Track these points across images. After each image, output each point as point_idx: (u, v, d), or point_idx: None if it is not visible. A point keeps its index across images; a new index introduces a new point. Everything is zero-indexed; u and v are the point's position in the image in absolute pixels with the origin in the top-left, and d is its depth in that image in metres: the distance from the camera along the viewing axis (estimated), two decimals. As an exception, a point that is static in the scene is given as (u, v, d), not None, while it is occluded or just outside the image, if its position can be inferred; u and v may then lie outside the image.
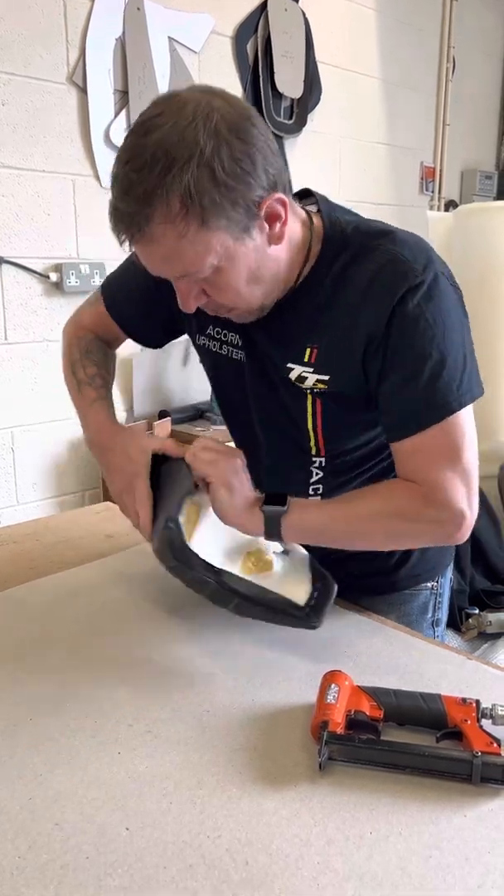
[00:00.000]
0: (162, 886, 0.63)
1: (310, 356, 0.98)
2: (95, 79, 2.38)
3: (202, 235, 0.81)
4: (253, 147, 0.81)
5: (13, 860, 0.66)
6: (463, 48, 3.89)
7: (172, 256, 0.84)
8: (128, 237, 0.85)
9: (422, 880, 0.64)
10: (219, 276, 0.87)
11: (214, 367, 1.13)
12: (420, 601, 1.15)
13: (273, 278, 0.93)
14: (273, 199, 0.85)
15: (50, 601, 1.13)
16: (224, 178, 0.79)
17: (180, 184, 0.77)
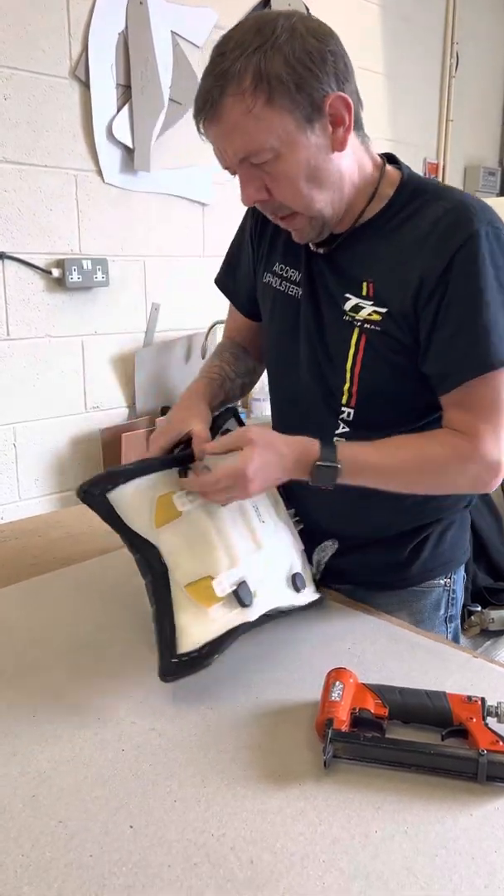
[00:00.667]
0: (166, 885, 0.63)
1: (367, 290, 1.00)
2: (98, 73, 2.37)
3: (267, 112, 0.88)
4: (326, 49, 0.90)
5: (16, 858, 0.65)
6: (466, 44, 3.87)
7: (236, 131, 0.90)
8: (202, 116, 0.92)
9: (428, 880, 0.63)
10: (278, 164, 0.91)
11: (272, 307, 1.15)
12: (433, 598, 1.15)
13: (334, 188, 0.96)
14: (336, 97, 0.91)
15: (52, 597, 1.13)
16: (294, 63, 0.87)
17: (253, 62, 0.87)
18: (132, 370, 2.66)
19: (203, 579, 0.94)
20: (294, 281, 1.09)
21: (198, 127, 0.94)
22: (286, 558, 1.05)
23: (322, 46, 0.89)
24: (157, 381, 2.74)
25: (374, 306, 0.99)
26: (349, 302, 1.01)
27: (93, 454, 2.60)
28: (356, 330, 1.01)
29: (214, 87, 0.89)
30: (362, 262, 1.01)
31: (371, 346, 1.01)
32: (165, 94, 2.56)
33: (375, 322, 1.00)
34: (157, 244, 2.68)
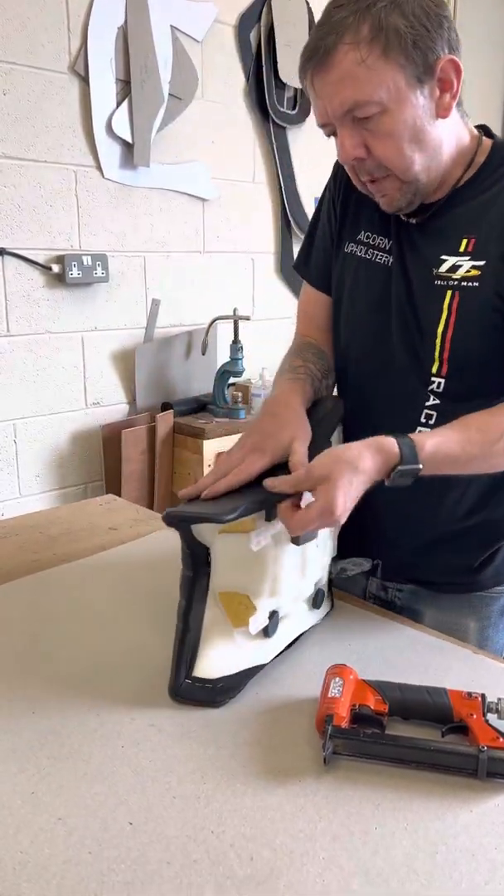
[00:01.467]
0: (165, 882, 0.63)
1: (466, 245, 0.99)
2: (97, 68, 2.36)
3: (380, 64, 0.88)
4: (442, 14, 0.91)
5: (15, 855, 0.65)
6: (467, 38, 3.84)
7: (347, 80, 0.89)
8: (313, 65, 0.91)
9: (428, 877, 0.63)
10: (383, 120, 0.91)
11: (355, 276, 1.11)
12: (500, 603, 1.13)
13: (433, 154, 0.96)
14: (448, 61, 0.92)
15: (53, 594, 1.13)
16: (412, 20, 0.88)
17: (372, 13, 0.88)
18: (132, 366, 2.66)
19: (238, 595, 0.90)
20: (384, 249, 1.07)
21: (303, 78, 0.94)
22: (318, 573, 1.03)
23: (439, 10, 0.91)
24: (157, 377, 2.74)
25: (472, 261, 0.98)
26: (445, 264, 1.00)
27: (93, 450, 2.60)
28: (449, 292, 0.99)
29: (329, 35, 0.89)
30: (461, 223, 1.00)
31: (464, 307, 0.98)
32: (165, 88, 2.55)
33: (473, 278, 0.98)
34: (156, 240, 2.67)
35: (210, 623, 0.89)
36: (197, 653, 0.88)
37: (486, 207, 0.98)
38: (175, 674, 0.87)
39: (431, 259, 1.01)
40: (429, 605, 1.13)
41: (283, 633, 0.95)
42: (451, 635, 1.05)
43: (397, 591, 1.16)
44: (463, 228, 1.00)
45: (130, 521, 1.44)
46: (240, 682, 0.88)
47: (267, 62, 2.88)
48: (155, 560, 1.24)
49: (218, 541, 0.89)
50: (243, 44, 2.81)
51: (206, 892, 0.62)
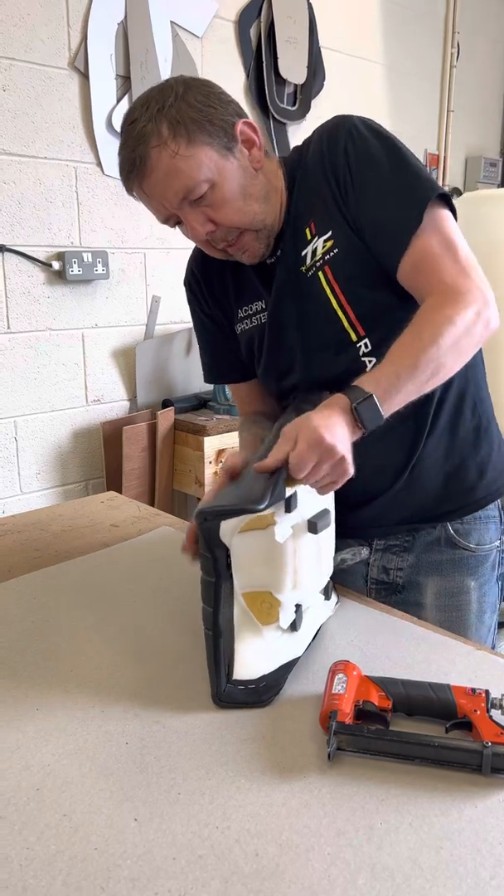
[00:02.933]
0: (171, 877, 0.63)
1: (311, 230, 1.07)
2: (97, 64, 2.36)
3: (192, 150, 0.97)
4: (216, 92, 1.02)
5: (21, 851, 0.65)
6: (467, 34, 3.84)
7: (171, 176, 0.98)
8: (134, 177, 1.00)
9: (433, 872, 0.63)
10: (215, 192, 1.00)
11: (249, 345, 1.21)
12: (492, 559, 1.20)
13: (266, 196, 1.06)
14: (242, 123, 1.02)
15: (55, 591, 1.13)
16: (198, 106, 0.98)
17: (164, 115, 0.97)
18: (133, 363, 2.65)
19: (263, 593, 0.90)
20: (260, 310, 1.16)
21: (130, 191, 1.03)
22: (331, 563, 1.04)
23: (213, 90, 1.02)
24: (158, 374, 2.74)
25: (320, 238, 1.06)
26: (306, 256, 1.07)
27: (94, 447, 2.60)
28: (320, 273, 1.06)
29: (137, 148, 0.97)
30: (298, 225, 1.08)
31: (340, 272, 1.05)
32: (165, 85, 2.54)
33: (330, 249, 1.05)
34: (157, 236, 2.67)
35: (240, 625, 0.89)
36: (233, 656, 0.87)
37: (304, 195, 1.08)
38: (216, 681, 0.86)
39: (294, 264, 1.09)
40: (431, 574, 1.18)
41: (309, 625, 0.96)
42: (454, 599, 1.17)
43: (398, 571, 1.19)
44: (302, 222, 1.08)
45: (132, 518, 1.45)
46: (281, 678, 0.88)
47: (267, 58, 2.87)
48: (158, 556, 1.24)
49: (237, 540, 0.89)
50: (243, 40, 2.81)
51: (212, 887, 0.62)
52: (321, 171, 1.05)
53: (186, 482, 2.67)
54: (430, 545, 1.17)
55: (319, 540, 0.97)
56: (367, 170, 1.02)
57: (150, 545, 1.30)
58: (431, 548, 1.18)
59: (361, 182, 1.02)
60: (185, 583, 1.00)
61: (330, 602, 1.05)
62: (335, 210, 1.04)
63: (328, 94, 3.14)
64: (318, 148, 1.06)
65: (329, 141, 1.05)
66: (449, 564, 1.17)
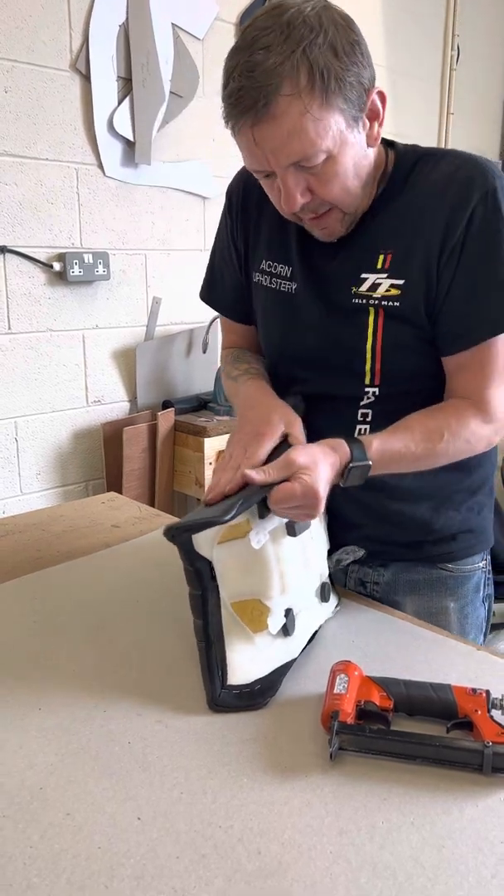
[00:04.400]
0: (174, 876, 0.63)
1: (384, 262, 0.98)
2: (99, 66, 2.36)
3: (324, 112, 0.84)
4: (362, 40, 0.87)
5: (25, 850, 0.66)
6: (467, 36, 3.85)
7: (293, 134, 0.85)
8: (250, 117, 0.84)
9: (435, 870, 0.64)
10: (329, 165, 0.89)
11: (268, 303, 1.11)
12: (474, 581, 1.16)
13: (368, 180, 0.96)
14: (376, 93, 0.90)
15: (57, 591, 1.13)
16: (345, 58, 0.84)
17: (308, 58, 0.81)
18: (133, 364, 2.66)
19: (251, 601, 0.91)
20: (286, 277, 1.07)
21: (234, 129, 0.88)
22: (319, 566, 1.04)
23: (359, 38, 0.86)
24: (158, 375, 2.74)
25: (390, 279, 0.97)
26: (365, 282, 0.98)
27: (94, 448, 2.61)
28: (372, 310, 0.99)
29: (265, 86, 0.81)
30: (375, 237, 0.99)
31: (390, 325, 0.99)
32: (166, 86, 2.55)
33: (394, 297, 0.97)
34: (158, 238, 2.67)
35: (230, 633, 0.89)
36: (226, 663, 0.88)
37: (401, 220, 0.97)
38: (210, 687, 0.86)
39: (349, 277, 1.00)
40: (408, 593, 1.14)
41: (303, 628, 0.96)
42: (433, 620, 1.10)
43: (374, 586, 1.17)
44: (379, 243, 0.98)
45: (133, 519, 1.45)
46: (276, 680, 0.89)
47: (268, 60, 2.87)
48: (159, 557, 1.25)
49: (218, 552, 0.89)
50: (244, 42, 2.81)
51: (215, 885, 0.62)
52: (431, 215, 0.94)
53: (187, 483, 2.68)
54: (406, 563, 1.14)
55: (304, 542, 0.97)
56: (482, 253, 0.93)
57: (151, 546, 1.30)
58: (408, 566, 1.14)
59: (469, 264, 0.93)
60: (186, 583, 1.00)
61: (328, 604, 1.05)
62: (421, 266, 0.95)
63: (328, 96, 3.15)
64: (441, 185, 0.94)
65: (458, 192, 0.93)
66: (426, 584, 1.14)
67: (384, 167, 0.99)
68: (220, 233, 1.18)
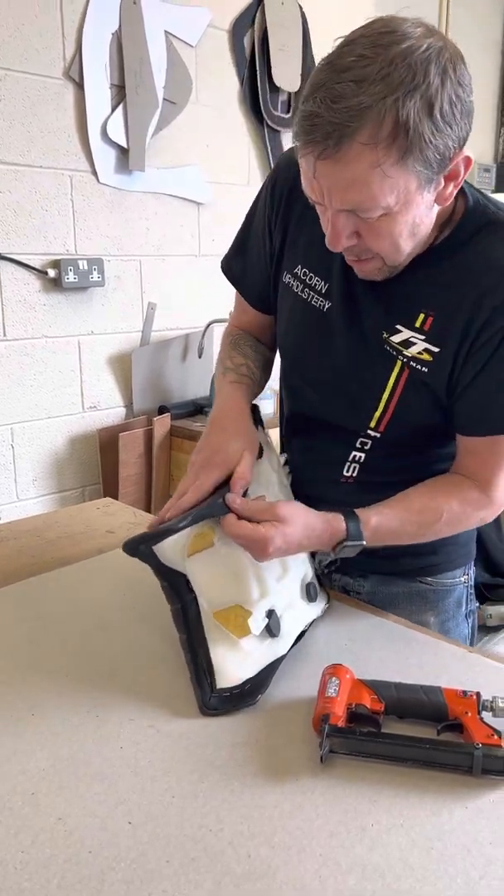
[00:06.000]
0: (165, 879, 0.63)
1: (423, 322, 0.94)
2: (92, 74, 2.37)
3: (396, 171, 0.77)
4: (467, 95, 0.79)
5: (16, 855, 0.66)
6: (460, 40, 3.85)
7: (356, 184, 0.78)
8: (318, 150, 0.77)
9: (424, 872, 0.64)
10: (385, 221, 0.82)
11: (294, 311, 1.06)
12: (455, 596, 1.15)
13: (422, 239, 0.89)
14: (462, 158, 0.82)
15: (51, 597, 1.13)
16: (439, 119, 0.76)
17: (401, 109, 0.73)
18: (129, 370, 2.66)
19: (233, 608, 0.92)
20: (319, 292, 1.01)
21: (300, 151, 0.80)
22: (302, 568, 1.05)
23: (464, 94, 0.78)
24: (154, 380, 2.75)
25: (427, 343, 0.93)
26: (399, 334, 0.95)
27: (90, 454, 2.61)
28: (399, 363, 0.96)
29: (345, 125, 0.74)
30: (420, 292, 0.94)
31: (412, 386, 0.96)
32: (160, 93, 2.56)
33: (424, 362, 0.94)
34: (152, 244, 2.68)
35: (215, 641, 0.91)
36: (213, 669, 0.89)
37: (450, 284, 0.92)
38: (200, 693, 0.87)
39: (384, 322, 0.96)
40: (387, 607, 1.13)
41: (290, 627, 0.97)
42: None
43: (357, 595, 1.17)
44: (422, 301, 0.94)
45: (128, 525, 1.45)
46: (265, 678, 0.89)
47: (261, 66, 2.89)
48: (152, 562, 1.25)
49: (190, 564, 0.93)
50: (237, 48, 2.83)
51: (205, 889, 0.63)
52: (480, 293, 0.89)
53: (183, 488, 2.67)
54: (384, 575, 1.14)
55: None
56: None
57: (146, 551, 1.31)
58: (387, 579, 1.14)
59: (495, 362, 0.91)
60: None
61: (317, 604, 1.05)
62: (456, 341, 0.92)
63: (322, 102, 3.16)
64: (499, 266, 0.89)
65: None
66: (405, 597, 1.14)
67: (450, 215, 0.92)
68: (258, 210, 1.09)
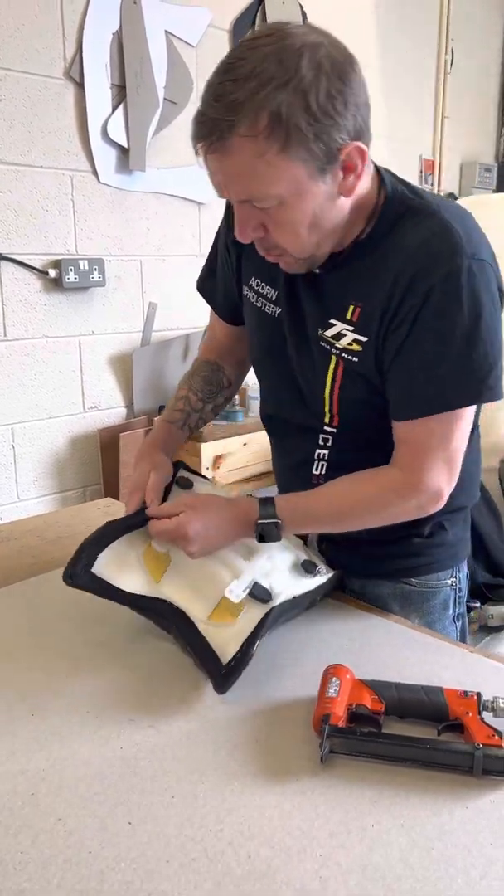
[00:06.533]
0: (164, 880, 0.63)
1: (353, 314, 0.97)
2: (92, 74, 2.37)
3: (279, 160, 0.81)
4: (349, 89, 0.82)
5: (16, 855, 0.66)
6: (461, 40, 3.87)
7: (244, 174, 0.83)
8: (206, 145, 0.83)
9: (424, 872, 0.64)
10: (282, 211, 0.86)
11: (252, 321, 1.13)
12: (440, 598, 1.14)
13: (332, 230, 0.92)
14: (354, 148, 0.84)
15: (51, 597, 1.13)
16: (315, 110, 0.79)
17: (273, 101, 0.78)
18: (130, 370, 2.66)
19: (220, 602, 0.96)
20: (271, 299, 1.07)
21: (195, 149, 0.86)
22: (287, 554, 1.07)
23: (346, 88, 0.81)
24: (154, 380, 2.75)
25: (355, 333, 0.97)
26: (332, 328, 0.98)
27: (91, 454, 2.61)
28: (333, 358, 1.00)
29: (224, 120, 0.79)
30: (350, 285, 0.97)
31: (347, 376, 1.00)
32: (160, 93, 2.56)
33: (354, 352, 0.97)
34: (153, 244, 2.68)
35: (213, 636, 0.93)
36: (217, 655, 0.91)
37: (374, 275, 0.94)
38: (212, 678, 0.88)
39: (320, 319, 1.00)
40: (377, 605, 1.13)
41: (280, 588, 0.99)
42: None
43: (350, 592, 1.16)
44: (351, 293, 0.97)
45: (128, 524, 1.45)
46: (259, 630, 0.91)
47: (261, 66, 2.89)
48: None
49: (164, 587, 0.98)
50: (238, 48, 2.83)
51: (205, 889, 0.62)
52: (395, 279, 0.91)
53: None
54: (371, 577, 1.14)
55: None
56: (430, 331, 0.90)
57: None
58: (374, 579, 1.14)
59: (417, 339, 0.91)
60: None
61: (321, 578, 1.06)
62: (378, 327, 0.94)
63: (323, 102, 3.16)
64: (412, 252, 0.90)
65: (424, 265, 0.89)
66: (391, 598, 1.13)
67: (374, 206, 0.95)
68: (220, 229, 1.16)
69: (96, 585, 0.97)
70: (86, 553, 0.98)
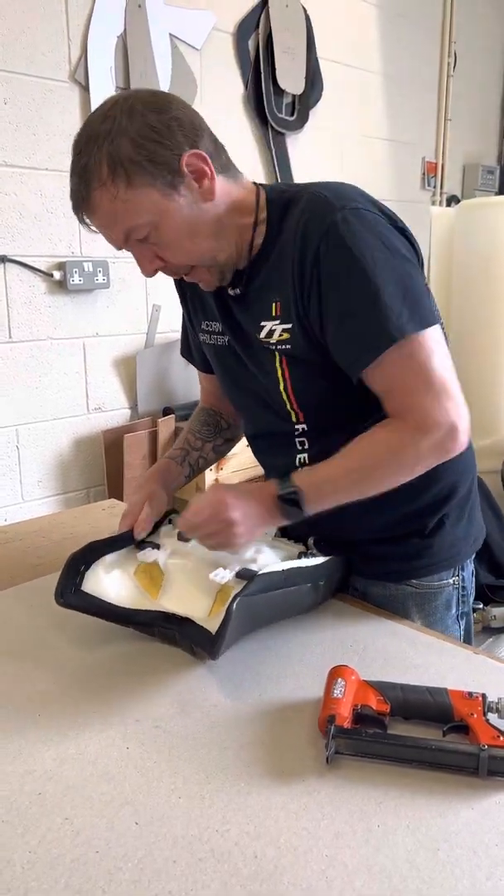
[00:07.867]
0: (171, 880, 0.64)
1: (276, 310, 1.03)
2: (97, 77, 2.38)
3: (131, 194, 0.93)
4: (167, 116, 0.94)
5: (24, 855, 0.66)
6: (464, 42, 3.87)
7: (111, 218, 0.96)
8: (80, 211, 0.98)
9: (430, 873, 0.64)
10: (160, 233, 0.97)
11: (214, 359, 1.21)
12: (444, 598, 1.14)
13: (218, 233, 1.00)
14: (191, 155, 0.95)
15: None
16: (140, 142, 0.92)
17: (106, 151, 0.92)
18: (134, 371, 2.67)
19: (216, 598, 1.01)
20: (218, 332, 1.15)
21: (81, 221, 1.00)
22: (281, 553, 1.09)
23: (162, 117, 0.93)
24: (158, 382, 2.75)
25: (281, 325, 1.02)
26: (264, 329, 1.04)
27: (95, 455, 2.61)
28: (276, 355, 1.05)
29: (80, 185, 0.95)
30: (267, 286, 1.04)
31: (290, 366, 1.04)
32: (164, 96, 2.56)
33: (286, 341, 1.03)
34: (157, 246, 2.68)
35: (211, 623, 0.93)
36: (207, 628, 0.93)
37: (278, 268, 1.01)
38: (208, 651, 0.91)
39: (255, 327, 1.06)
40: (379, 606, 1.13)
41: (267, 561, 1.04)
42: None
43: (354, 591, 1.17)
44: (270, 293, 1.03)
45: (133, 526, 1.45)
46: (245, 589, 0.93)
47: (265, 69, 2.89)
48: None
49: (163, 601, 1.02)
50: (242, 51, 2.83)
51: (212, 889, 0.63)
52: (289, 261, 0.99)
53: (187, 490, 2.66)
54: (373, 578, 1.14)
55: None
56: (336, 284, 0.95)
57: (151, 552, 1.31)
58: (377, 581, 1.14)
59: (330, 297, 0.96)
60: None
61: (320, 558, 1.08)
62: (294, 310, 1.00)
63: (326, 104, 3.16)
64: (293, 231, 0.98)
65: (303, 236, 0.96)
66: (392, 600, 1.13)
67: (257, 212, 1.03)
68: (179, 294, 1.26)
69: (92, 604, 1.00)
70: (69, 572, 1.03)
